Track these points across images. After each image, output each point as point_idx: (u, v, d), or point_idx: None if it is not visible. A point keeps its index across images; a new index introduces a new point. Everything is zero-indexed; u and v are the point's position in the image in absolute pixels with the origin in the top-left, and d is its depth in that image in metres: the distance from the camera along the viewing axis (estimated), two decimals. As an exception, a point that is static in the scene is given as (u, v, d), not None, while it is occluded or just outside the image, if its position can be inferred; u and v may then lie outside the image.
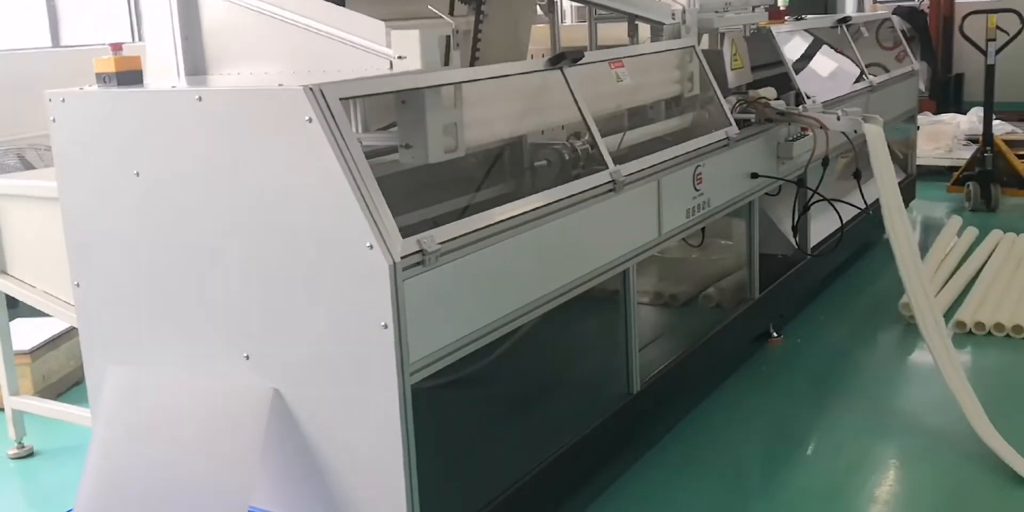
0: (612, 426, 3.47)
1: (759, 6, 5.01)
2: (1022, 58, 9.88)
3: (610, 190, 3.34)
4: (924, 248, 6.85)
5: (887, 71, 7.03)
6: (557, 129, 3.74)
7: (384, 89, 2.64)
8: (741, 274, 4.70)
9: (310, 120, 2.37)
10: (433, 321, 2.51)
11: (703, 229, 4.80)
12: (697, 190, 3.94)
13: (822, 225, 5.29)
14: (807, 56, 5.70)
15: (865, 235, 6.02)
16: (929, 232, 7.49)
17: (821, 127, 4.35)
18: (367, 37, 2.84)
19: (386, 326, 2.37)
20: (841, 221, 4.52)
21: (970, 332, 5.05)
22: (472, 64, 4.04)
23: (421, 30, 2.79)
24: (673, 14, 4.31)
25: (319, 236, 2.43)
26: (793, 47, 5.50)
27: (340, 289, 2.42)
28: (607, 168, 3.34)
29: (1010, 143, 8.09)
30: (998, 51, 7.66)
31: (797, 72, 5.43)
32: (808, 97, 5.13)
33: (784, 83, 5.17)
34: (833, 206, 4.47)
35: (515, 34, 4.54)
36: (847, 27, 6.05)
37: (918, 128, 8.95)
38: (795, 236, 4.56)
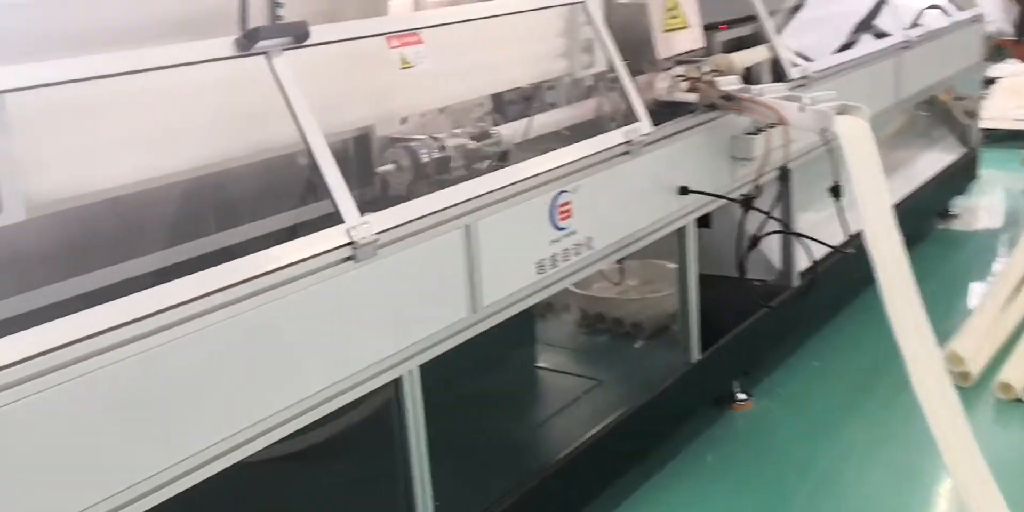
0: None
1: (724, -65, 3.51)
2: None
3: (347, 258, 2.00)
4: (986, 251, 5.29)
5: (948, 15, 5.42)
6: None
7: None
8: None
9: None
10: None
11: (620, 263, 3.43)
12: (560, 228, 2.56)
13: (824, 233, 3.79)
14: (812, 6, 4.16)
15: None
16: (1004, 225, 5.86)
17: (779, 121, 2.89)
18: None
19: None
20: (811, 258, 3.08)
21: (1019, 400, 3.57)
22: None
23: None
24: (564, -49, 2.87)
25: None
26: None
27: None
28: (342, 223, 2.00)
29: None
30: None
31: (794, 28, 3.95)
32: (796, 65, 3.66)
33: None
34: (800, 238, 3.03)
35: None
36: (877, -40, 4.47)
37: (991, 83, 7.27)
38: (742, 274, 3.12)
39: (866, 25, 4.53)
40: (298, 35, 2.02)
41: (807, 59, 3.96)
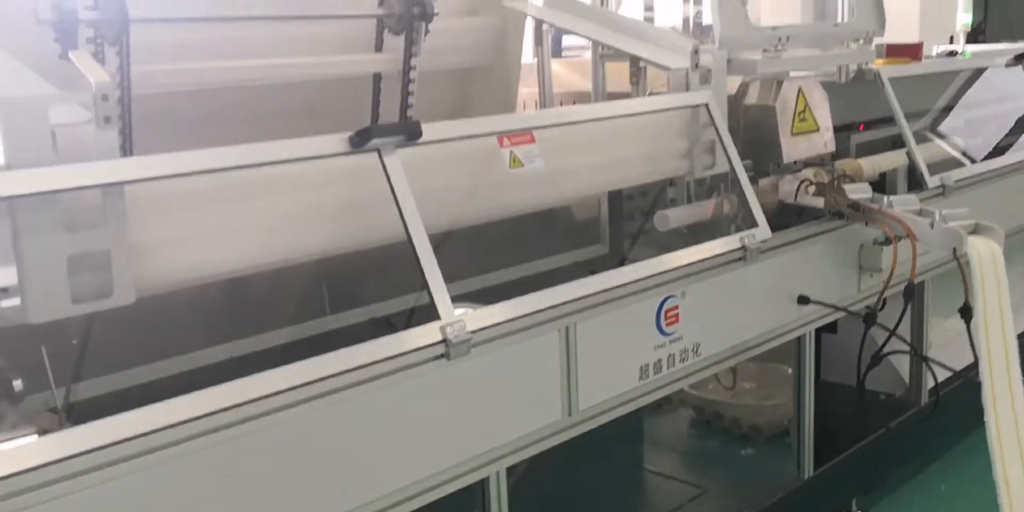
0: None
1: (863, 39, 3.44)
2: None
3: (440, 355, 2.00)
4: None
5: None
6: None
7: None
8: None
9: None
10: None
11: (733, 369, 3.34)
12: (667, 333, 2.50)
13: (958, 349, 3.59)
14: (956, 110, 4.02)
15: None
16: None
17: (908, 236, 2.77)
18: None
19: None
20: (936, 380, 2.91)
21: None
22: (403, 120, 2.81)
23: (1, 97, 1.59)
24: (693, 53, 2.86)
25: None
26: (927, 98, 3.86)
27: None
28: (438, 319, 2.01)
29: None
30: None
31: (934, 134, 3.83)
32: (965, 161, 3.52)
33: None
34: (926, 362, 2.87)
35: (504, 75, 3.26)
36: (1031, 66, 4.29)
37: None
38: (860, 394, 2.97)
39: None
40: (411, 133, 2.07)
41: (971, 158, 3.82)
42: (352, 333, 2.17)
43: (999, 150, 4.03)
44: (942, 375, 3.19)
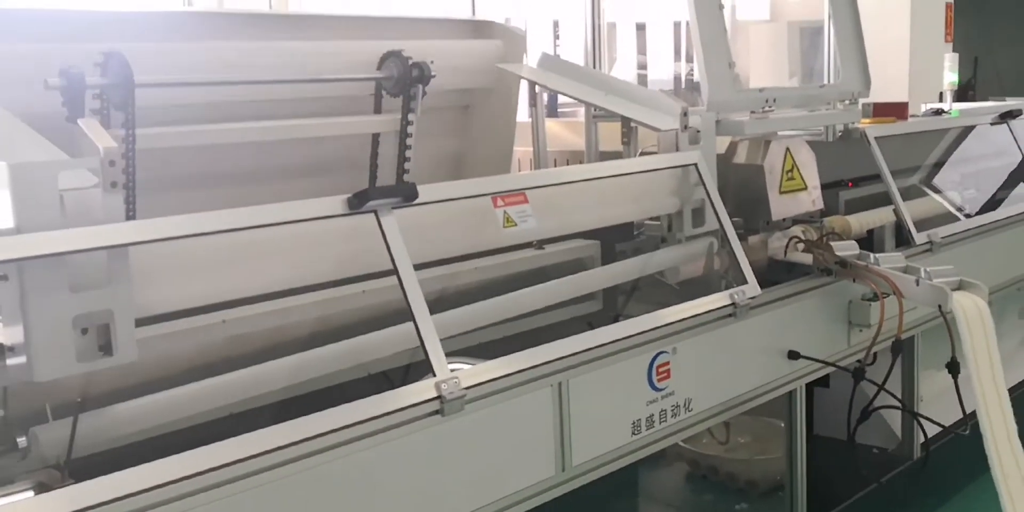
0: None
1: (849, 100, 3.53)
2: None
3: (434, 412, 2.04)
4: None
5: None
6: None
7: None
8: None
9: None
10: None
11: (727, 424, 3.37)
12: (658, 388, 2.54)
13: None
14: (943, 168, 4.11)
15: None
16: None
17: (895, 293, 2.82)
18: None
19: None
20: (926, 435, 2.94)
21: None
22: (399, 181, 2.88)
23: (12, 163, 1.65)
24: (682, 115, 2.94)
25: None
26: (914, 155, 3.95)
27: None
28: (432, 376, 2.05)
29: None
30: None
31: (922, 191, 3.91)
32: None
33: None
34: (916, 417, 2.91)
35: (500, 135, 3.35)
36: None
37: None
38: (851, 448, 3.00)
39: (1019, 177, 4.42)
40: (407, 196, 2.13)
41: (959, 215, 3.88)
42: (349, 389, 2.21)
43: (987, 206, 4.10)
44: (935, 429, 3.22)
